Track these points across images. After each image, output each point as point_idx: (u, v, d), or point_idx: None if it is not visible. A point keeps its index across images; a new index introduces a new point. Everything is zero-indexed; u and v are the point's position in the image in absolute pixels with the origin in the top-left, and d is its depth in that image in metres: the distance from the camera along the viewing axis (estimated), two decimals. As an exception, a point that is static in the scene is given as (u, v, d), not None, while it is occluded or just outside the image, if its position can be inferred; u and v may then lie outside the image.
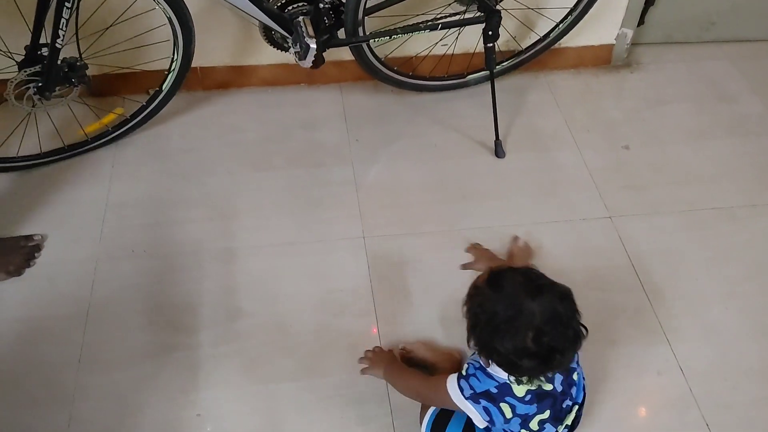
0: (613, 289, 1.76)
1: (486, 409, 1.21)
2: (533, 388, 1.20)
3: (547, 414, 1.23)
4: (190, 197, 1.93)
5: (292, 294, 1.72)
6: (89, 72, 1.83)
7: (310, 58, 1.82)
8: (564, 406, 1.27)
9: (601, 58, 2.27)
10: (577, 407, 1.32)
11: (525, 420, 1.22)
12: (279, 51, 1.94)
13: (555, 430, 1.27)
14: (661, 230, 1.90)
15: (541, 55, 2.23)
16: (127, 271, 1.75)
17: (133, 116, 2.05)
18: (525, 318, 1.11)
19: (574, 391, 1.30)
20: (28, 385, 1.53)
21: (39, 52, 1.72)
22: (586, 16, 2.12)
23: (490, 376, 1.21)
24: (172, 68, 1.96)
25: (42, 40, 1.71)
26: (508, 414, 1.21)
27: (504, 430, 1.25)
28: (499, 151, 2.06)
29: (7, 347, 1.60)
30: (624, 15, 2.24)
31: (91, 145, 2.02)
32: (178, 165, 2.02)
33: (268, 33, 1.88)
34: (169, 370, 1.57)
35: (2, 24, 1.77)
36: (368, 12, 1.87)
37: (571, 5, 2.11)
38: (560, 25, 2.16)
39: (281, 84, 2.28)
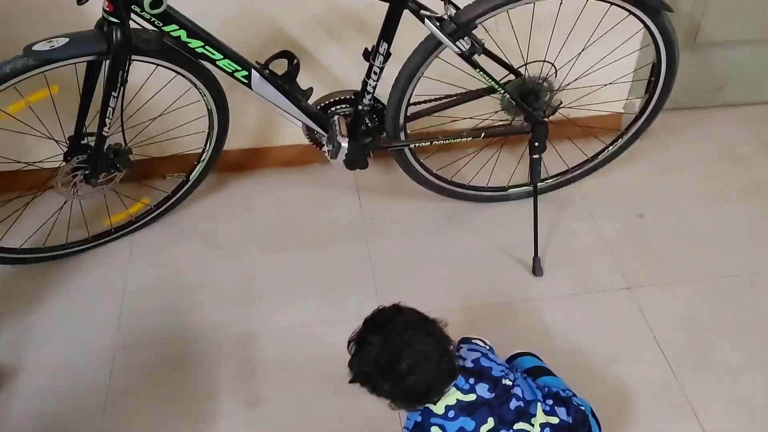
0: (635, 362, 1.73)
1: None
2: (451, 403, 1.23)
3: (491, 422, 1.24)
4: (207, 281, 1.94)
5: (312, 377, 1.71)
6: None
7: (341, 156, 1.85)
8: (512, 407, 1.26)
9: (610, 127, 2.29)
10: (545, 407, 1.30)
11: None
12: (318, 148, 1.97)
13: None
14: (682, 299, 1.88)
15: (587, 175, 2.20)
16: (145, 359, 1.75)
17: (158, 206, 2.08)
18: (367, 347, 1.25)
19: (519, 391, 1.29)
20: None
21: (82, 141, 1.77)
22: (600, 88, 2.14)
23: (412, 408, 1.28)
24: (203, 158, 2.00)
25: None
26: None
27: None
28: (537, 269, 1.95)
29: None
30: (630, 85, 2.27)
31: (114, 236, 2.05)
32: (195, 249, 2.04)
33: (311, 132, 1.92)
34: (188, 462, 1.55)
35: (44, 115, 1.81)
36: (409, 118, 1.88)
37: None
38: (610, 148, 2.14)
39: (296, 164, 2.31)
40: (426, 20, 1.64)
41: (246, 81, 1.69)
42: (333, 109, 1.88)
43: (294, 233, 2.09)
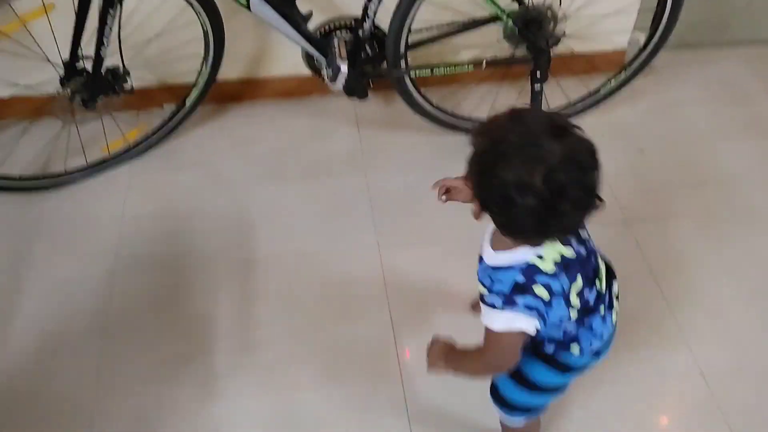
0: (630, 296, 1.74)
1: (528, 307, 1.03)
2: (557, 259, 1.04)
3: (580, 281, 1.08)
4: (205, 209, 1.94)
5: (309, 303, 1.72)
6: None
7: (341, 81, 1.83)
8: (592, 264, 1.13)
9: (614, 63, 2.26)
10: (604, 266, 1.18)
11: (565, 297, 1.06)
12: (317, 76, 1.95)
13: (593, 291, 1.13)
14: (678, 233, 1.88)
15: (589, 109, 2.19)
16: (144, 283, 1.76)
17: (155, 131, 2.07)
18: (539, 151, 0.92)
19: (592, 246, 1.16)
20: (47, 402, 1.54)
21: (78, 64, 1.74)
22: (601, 21, 2.11)
23: (508, 267, 1.05)
24: (198, 83, 1.98)
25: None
26: (545, 296, 1.04)
27: (555, 323, 1.10)
28: None
29: (25, 363, 1.61)
30: (636, 19, 2.23)
31: (112, 162, 2.04)
32: (193, 177, 2.04)
33: (310, 59, 1.89)
34: (187, 383, 1.57)
35: (39, 37, 1.78)
36: (411, 47, 1.85)
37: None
38: (612, 81, 2.12)
39: (295, 96, 2.29)
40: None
41: (245, 2, 1.66)
42: (333, 35, 1.85)
43: (292, 164, 2.08)
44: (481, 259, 1.11)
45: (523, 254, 1.03)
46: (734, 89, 2.33)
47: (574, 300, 1.08)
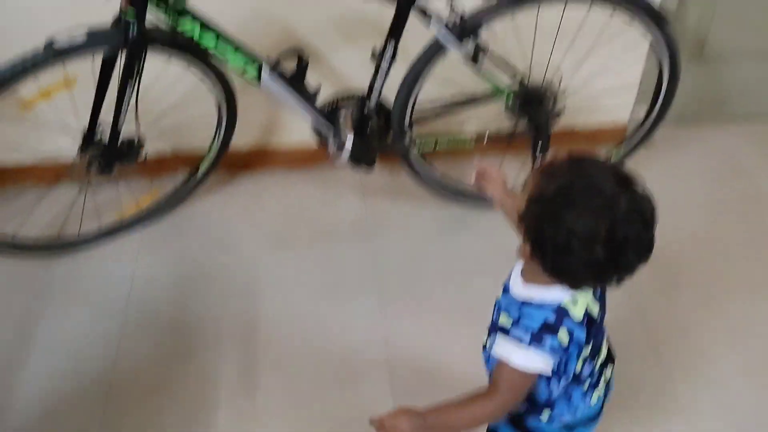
0: (631, 364, 1.74)
1: (553, 349, 1.02)
2: (588, 309, 1.03)
3: (588, 348, 1.08)
4: (212, 274, 1.99)
5: (311, 370, 1.74)
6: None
7: (346, 151, 1.90)
8: (600, 339, 1.13)
9: (615, 137, 2.32)
10: (606, 348, 1.18)
11: (579, 351, 1.05)
12: (325, 146, 2.02)
13: (592, 365, 1.12)
14: (680, 304, 1.90)
15: None
16: (149, 347, 1.79)
17: (167, 199, 2.13)
18: (605, 200, 0.93)
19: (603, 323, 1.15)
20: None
21: (96, 134, 1.81)
22: (602, 97, 2.18)
23: (540, 305, 1.03)
24: (211, 152, 2.06)
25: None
26: (565, 341, 1.02)
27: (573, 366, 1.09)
28: None
29: (29, 420, 1.63)
30: (636, 95, 2.30)
31: (125, 228, 2.09)
32: (201, 242, 2.09)
33: (318, 131, 1.97)
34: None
35: (60, 108, 1.86)
36: (415, 120, 1.93)
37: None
38: (613, 154, 2.18)
39: (303, 165, 2.36)
40: (432, 22, 1.69)
41: (256, 77, 1.74)
42: (340, 108, 1.92)
43: (299, 231, 2.13)
44: (506, 289, 1.11)
45: (557, 294, 1.03)
46: (733, 163, 2.38)
47: (579, 362, 1.08)
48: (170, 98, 1.98)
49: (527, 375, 1.04)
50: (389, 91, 1.87)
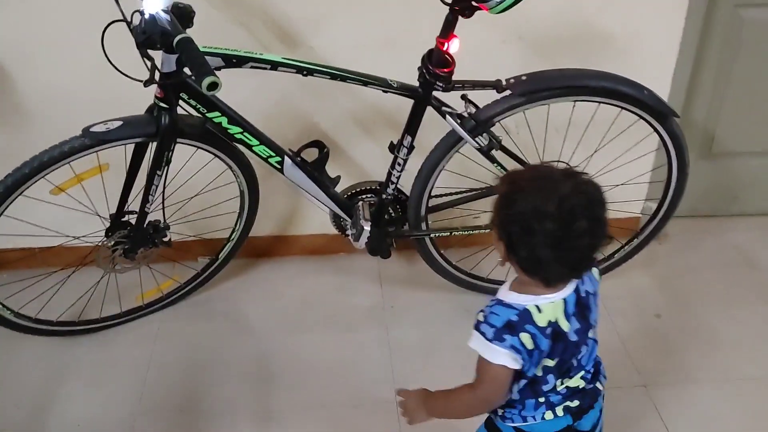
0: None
1: (514, 348, 1.12)
2: (552, 319, 1.13)
3: (553, 362, 1.17)
4: (228, 359, 2.00)
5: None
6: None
7: (363, 240, 1.96)
8: (572, 361, 1.21)
9: (627, 230, 2.36)
10: (585, 375, 1.24)
11: (539, 357, 1.15)
12: (343, 235, 2.09)
13: (555, 383, 1.20)
14: (698, 399, 1.88)
15: (605, 273, 2.23)
16: (164, 429, 1.79)
17: (187, 283, 2.18)
18: (551, 182, 1.08)
19: (584, 351, 1.22)
20: None
21: (123, 218, 1.88)
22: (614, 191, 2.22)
23: (509, 305, 1.14)
24: (232, 238, 2.12)
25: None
26: (529, 344, 1.12)
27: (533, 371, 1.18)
28: None
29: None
30: (648, 189, 2.35)
31: (145, 311, 2.14)
32: (219, 327, 2.12)
33: (337, 219, 2.04)
34: None
35: (90, 192, 1.92)
36: (431, 210, 1.99)
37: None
38: (625, 247, 2.19)
39: (321, 253, 2.41)
40: (447, 116, 1.77)
41: (278, 166, 1.82)
42: (359, 197, 1.99)
43: (315, 317, 2.16)
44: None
45: (525, 300, 1.13)
46: (747, 255, 2.40)
47: (539, 370, 1.17)
48: (196, 185, 2.05)
49: (498, 368, 1.14)
50: (406, 182, 1.94)
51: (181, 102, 1.67)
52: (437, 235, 2.02)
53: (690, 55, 2.17)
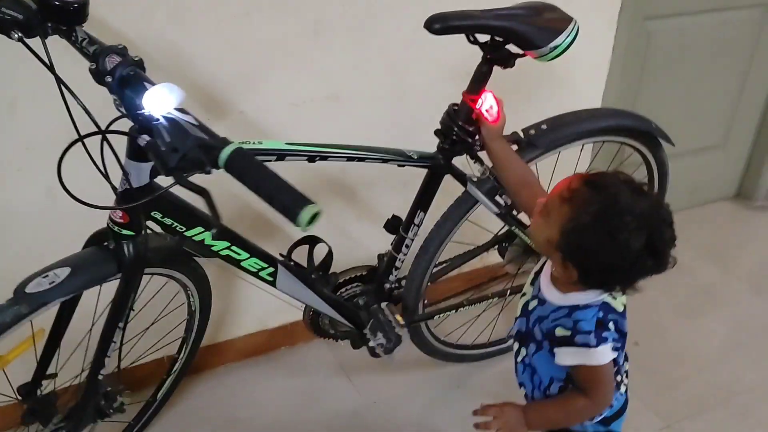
0: None
1: (614, 339, 1.13)
2: (624, 302, 1.16)
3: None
4: None
5: None
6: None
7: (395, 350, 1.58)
8: None
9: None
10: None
11: (625, 341, 1.16)
12: (326, 339, 1.71)
13: (621, 363, 1.23)
14: (719, 422, 1.83)
15: None
16: None
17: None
18: (637, 217, 1.02)
19: None
20: None
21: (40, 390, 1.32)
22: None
23: (587, 306, 1.12)
24: (175, 369, 1.65)
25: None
26: (619, 332, 1.14)
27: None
28: None
29: None
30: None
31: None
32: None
33: (314, 319, 1.61)
34: None
35: None
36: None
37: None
38: None
39: (261, 353, 1.97)
40: (469, 184, 1.48)
41: (271, 279, 1.39)
42: (347, 288, 1.61)
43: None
44: (543, 302, 1.17)
45: (596, 293, 1.11)
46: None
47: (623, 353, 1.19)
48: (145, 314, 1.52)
49: (608, 366, 1.13)
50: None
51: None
52: (444, 315, 1.72)
53: (616, 72, 2.11)
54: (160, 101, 0.90)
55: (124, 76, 0.93)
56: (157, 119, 0.89)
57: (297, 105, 1.62)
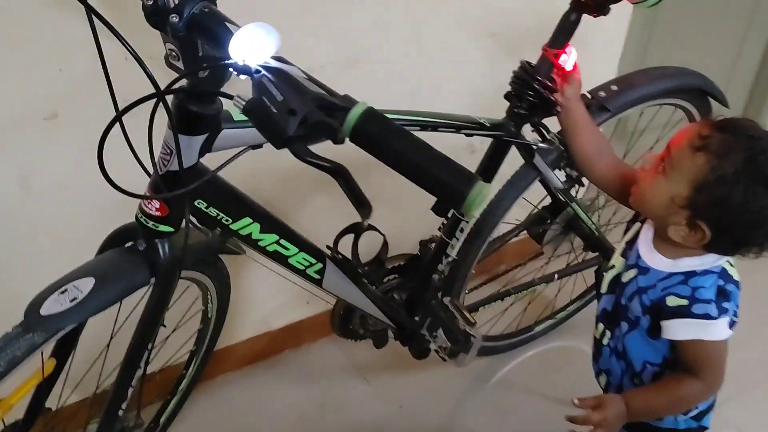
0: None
1: (734, 312, 1.00)
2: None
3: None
4: None
5: None
6: None
7: (473, 353, 1.34)
8: None
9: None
10: None
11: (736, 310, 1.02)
12: (354, 341, 1.46)
13: None
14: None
15: None
16: None
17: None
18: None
19: None
20: None
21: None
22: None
23: (706, 272, 0.99)
24: (181, 387, 1.40)
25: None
26: (738, 305, 1.01)
27: None
28: None
29: None
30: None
31: None
32: None
33: (345, 320, 1.37)
34: None
35: None
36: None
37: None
38: None
39: (265, 357, 1.72)
40: (537, 155, 1.27)
41: (318, 277, 1.14)
42: (389, 279, 1.38)
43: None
44: (645, 271, 1.03)
45: (714, 258, 0.99)
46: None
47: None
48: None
49: (725, 342, 1.01)
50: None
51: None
52: (488, 305, 1.52)
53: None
54: (252, 48, 0.64)
55: (197, 15, 0.67)
56: (258, 71, 0.63)
57: (313, 70, 1.36)
